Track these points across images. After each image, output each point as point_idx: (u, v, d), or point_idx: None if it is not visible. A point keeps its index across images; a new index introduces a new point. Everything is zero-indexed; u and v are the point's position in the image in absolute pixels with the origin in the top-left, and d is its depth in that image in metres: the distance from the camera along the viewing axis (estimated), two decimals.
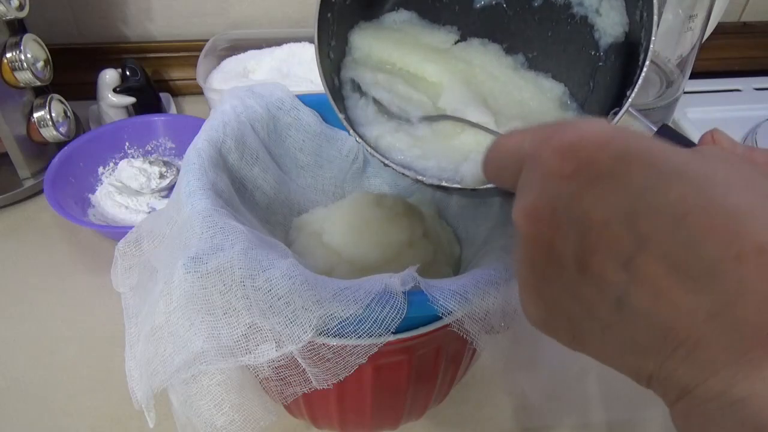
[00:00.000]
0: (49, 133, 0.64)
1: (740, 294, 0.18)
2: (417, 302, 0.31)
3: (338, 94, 0.42)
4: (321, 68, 0.39)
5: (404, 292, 0.31)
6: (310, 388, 0.33)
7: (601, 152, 0.21)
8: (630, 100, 0.33)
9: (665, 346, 0.20)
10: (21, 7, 0.59)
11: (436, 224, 0.46)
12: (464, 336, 0.32)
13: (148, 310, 0.34)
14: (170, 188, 0.65)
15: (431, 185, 0.37)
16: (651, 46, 0.34)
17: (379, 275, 0.32)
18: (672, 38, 0.67)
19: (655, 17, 0.34)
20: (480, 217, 0.44)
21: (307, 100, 0.46)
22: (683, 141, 0.33)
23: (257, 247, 0.32)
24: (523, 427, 0.47)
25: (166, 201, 0.65)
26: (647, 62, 0.34)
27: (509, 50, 0.43)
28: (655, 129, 0.33)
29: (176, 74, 0.82)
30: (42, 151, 0.66)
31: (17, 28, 0.62)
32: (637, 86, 0.34)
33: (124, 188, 0.64)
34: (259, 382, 0.35)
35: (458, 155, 0.39)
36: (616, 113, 0.34)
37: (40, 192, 0.65)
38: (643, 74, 0.34)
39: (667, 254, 0.19)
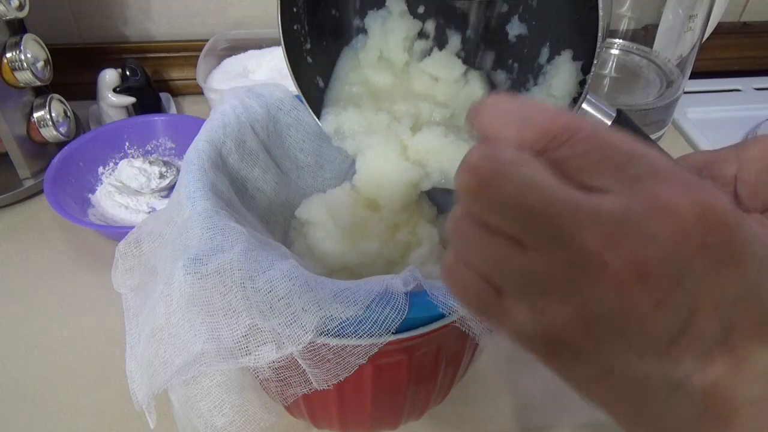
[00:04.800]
0: (49, 133, 0.64)
1: None
2: (418, 302, 0.31)
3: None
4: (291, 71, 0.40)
5: (406, 293, 0.31)
6: (310, 389, 0.33)
7: (736, 233, 0.20)
8: (587, 86, 0.33)
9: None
10: (21, 7, 0.59)
11: (436, 223, 0.46)
12: (467, 332, 0.32)
13: (148, 312, 0.34)
14: (170, 188, 0.65)
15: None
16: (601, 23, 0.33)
17: (379, 276, 0.32)
18: (672, 38, 0.67)
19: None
20: None
21: None
22: (636, 129, 0.33)
23: (257, 249, 0.32)
24: (523, 427, 0.47)
25: (166, 201, 0.65)
26: (600, 46, 0.33)
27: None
28: (614, 114, 0.33)
29: (176, 74, 0.82)
30: (42, 151, 0.66)
31: (17, 28, 0.62)
32: (593, 69, 0.33)
33: (124, 188, 0.64)
34: (259, 383, 0.35)
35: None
36: (576, 99, 0.34)
37: (40, 192, 0.65)
38: (595, 63, 0.33)
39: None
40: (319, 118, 0.45)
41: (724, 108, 0.82)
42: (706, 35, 0.69)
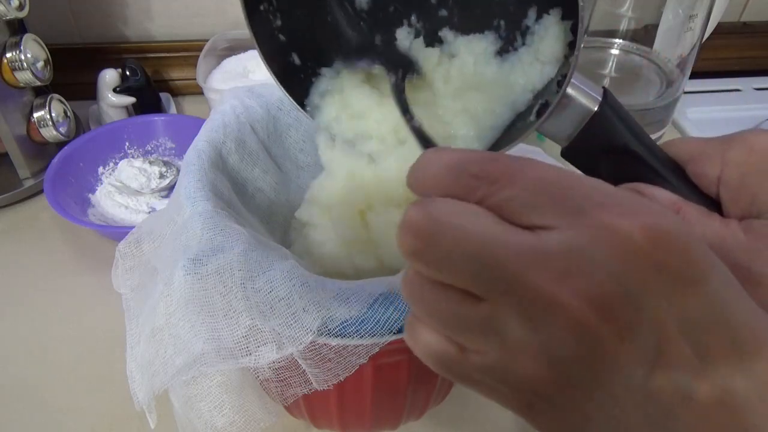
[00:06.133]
0: (49, 133, 0.64)
1: None
2: None
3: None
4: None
5: None
6: (310, 389, 0.33)
7: (690, 252, 0.19)
8: (573, 68, 0.32)
9: None
10: (21, 7, 0.59)
11: None
12: None
13: (148, 312, 0.34)
14: (170, 188, 0.65)
15: None
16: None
17: (382, 277, 0.32)
18: (672, 38, 0.67)
19: None
20: None
21: None
22: (624, 113, 0.32)
23: (257, 249, 0.32)
24: (523, 427, 0.47)
25: (166, 201, 0.65)
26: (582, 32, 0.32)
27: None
28: (599, 98, 0.32)
29: (176, 74, 0.82)
30: (42, 151, 0.66)
31: (17, 28, 0.62)
32: (578, 50, 0.32)
33: (124, 188, 0.64)
34: (260, 383, 0.35)
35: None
36: (560, 83, 0.34)
37: (40, 192, 0.65)
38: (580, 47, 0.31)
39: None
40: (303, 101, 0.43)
41: (724, 108, 0.82)
42: (706, 35, 0.69)
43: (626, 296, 0.19)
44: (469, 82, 0.41)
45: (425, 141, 0.32)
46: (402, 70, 0.38)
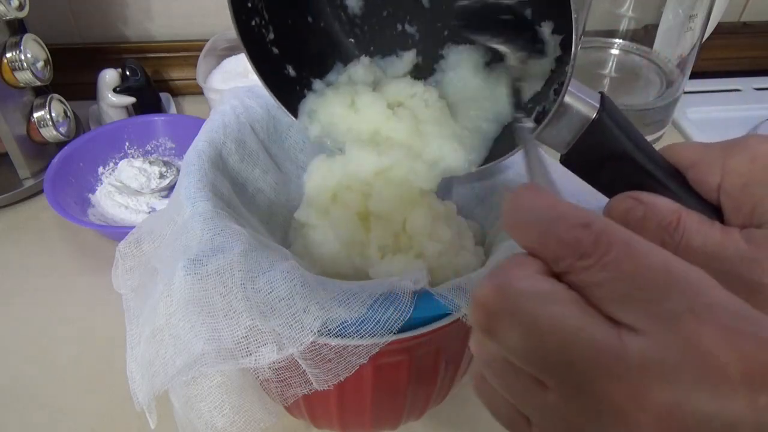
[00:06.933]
0: (49, 133, 0.64)
1: None
2: (420, 302, 0.31)
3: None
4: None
5: (414, 292, 0.31)
6: (310, 390, 0.33)
7: None
8: (569, 77, 0.32)
9: None
10: (21, 7, 0.59)
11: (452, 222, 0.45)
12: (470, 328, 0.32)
13: (148, 312, 0.34)
14: (170, 188, 0.65)
15: None
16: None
17: (382, 279, 0.32)
18: (672, 38, 0.67)
19: None
20: (493, 211, 0.44)
21: None
22: (622, 119, 0.32)
23: (257, 250, 0.32)
24: None
25: (166, 201, 0.65)
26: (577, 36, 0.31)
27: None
28: (597, 105, 0.32)
29: (176, 74, 0.82)
30: (42, 151, 0.66)
31: (17, 28, 0.62)
32: (573, 56, 0.31)
33: (124, 188, 0.64)
34: (260, 383, 0.35)
35: None
36: (557, 91, 0.34)
37: (40, 192, 0.65)
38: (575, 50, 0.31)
39: None
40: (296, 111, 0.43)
41: (724, 108, 0.82)
42: (706, 35, 0.69)
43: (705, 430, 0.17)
44: (457, 96, 0.41)
45: (534, 162, 0.28)
46: (525, 53, 0.38)
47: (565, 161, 0.34)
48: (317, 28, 0.44)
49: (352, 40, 0.45)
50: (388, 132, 0.40)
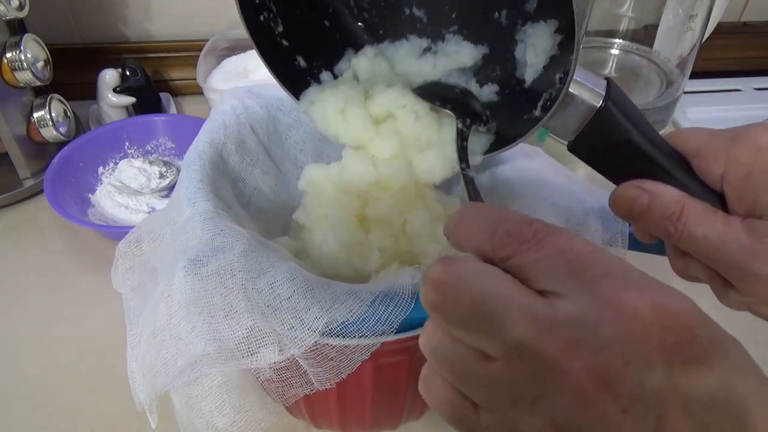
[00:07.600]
0: (49, 133, 0.64)
1: None
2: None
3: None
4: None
5: (413, 287, 0.31)
6: (311, 389, 0.33)
7: (698, 333, 0.20)
8: (574, 66, 0.32)
9: None
10: (21, 7, 0.59)
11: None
12: None
13: (149, 312, 0.34)
14: (170, 188, 0.65)
15: None
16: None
17: (382, 280, 0.32)
18: (672, 38, 0.67)
19: None
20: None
21: None
22: (627, 106, 0.32)
23: (257, 250, 0.32)
24: None
25: (166, 201, 0.65)
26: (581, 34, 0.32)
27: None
28: (602, 93, 0.32)
29: (176, 74, 0.82)
30: (42, 151, 0.66)
31: (17, 28, 0.62)
32: (577, 48, 0.31)
33: (124, 188, 0.64)
34: (260, 383, 0.35)
35: None
36: (562, 80, 0.33)
37: (40, 192, 0.65)
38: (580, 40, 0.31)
39: None
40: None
41: (724, 108, 0.82)
42: (706, 35, 0.69)
43: (629, 370, 0.19)
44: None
45: (475, 193, 0.33)
46: (470, 120, 0.39)
47: (572, 149, 0.34)
48: (326, 16, 0.44)
49: (361, 25, 0.45)
50: (374, 150, 0.41)
